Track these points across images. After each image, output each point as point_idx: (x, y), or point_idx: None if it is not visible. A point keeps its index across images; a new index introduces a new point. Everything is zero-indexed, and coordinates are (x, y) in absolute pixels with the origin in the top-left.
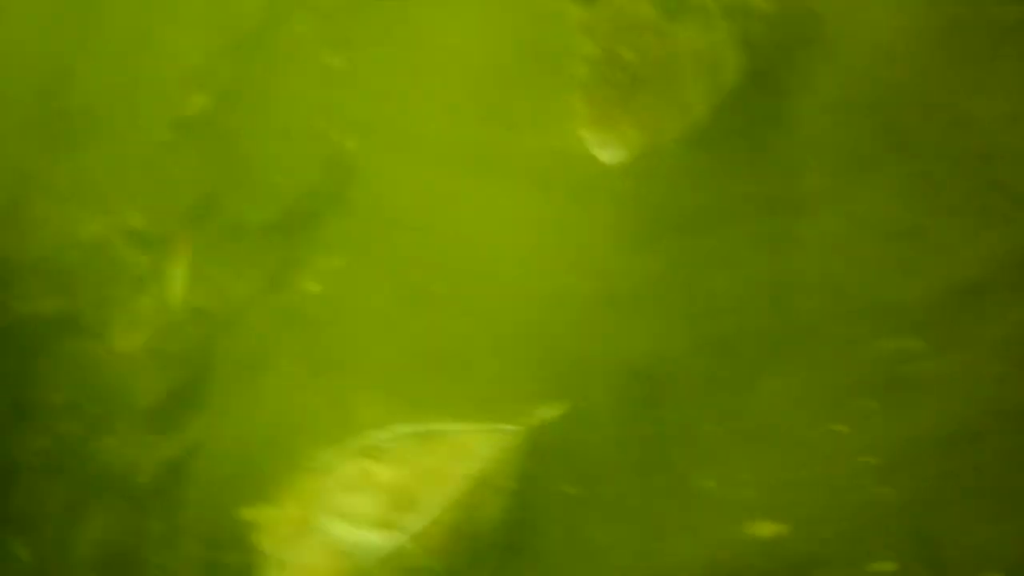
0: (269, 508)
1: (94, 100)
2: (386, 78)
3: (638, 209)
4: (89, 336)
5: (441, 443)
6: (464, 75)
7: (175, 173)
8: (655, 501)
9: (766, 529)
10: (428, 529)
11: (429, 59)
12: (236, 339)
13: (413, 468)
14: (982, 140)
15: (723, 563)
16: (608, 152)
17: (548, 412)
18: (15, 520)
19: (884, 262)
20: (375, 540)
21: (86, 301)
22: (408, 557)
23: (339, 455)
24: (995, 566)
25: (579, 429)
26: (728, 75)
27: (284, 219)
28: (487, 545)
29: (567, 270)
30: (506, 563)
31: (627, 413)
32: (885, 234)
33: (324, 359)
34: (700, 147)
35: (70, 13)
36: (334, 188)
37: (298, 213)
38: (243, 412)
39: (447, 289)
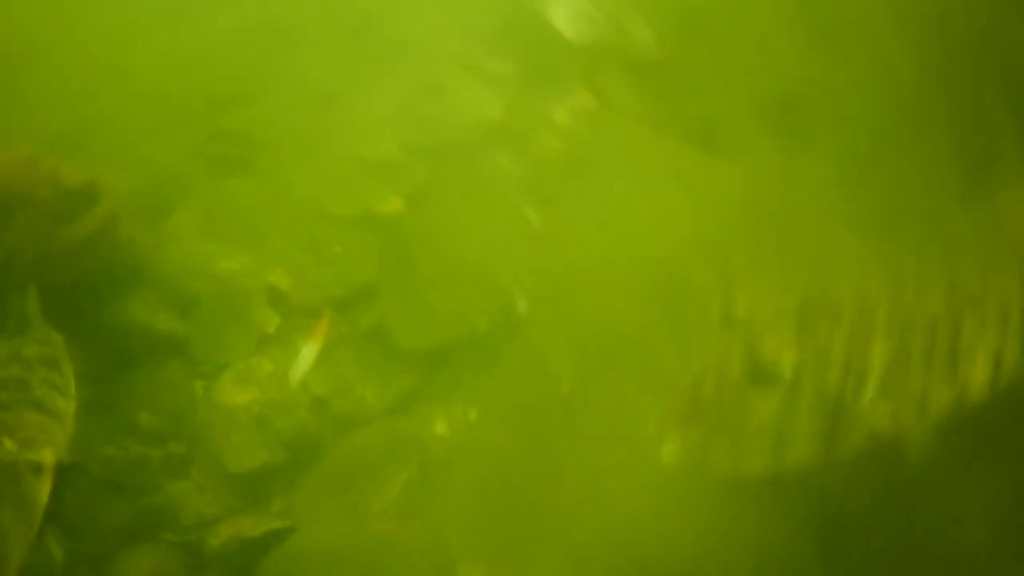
0: None
1: (269, 136)
2: (573, 246)
3: None
4: (193, 370)
5: None
6: (642, 263)
7: (341, 252)
8: None
9: None
10: None
11: (616, 237)
12: (348, 446)
13: None
14: None
15: None
16: None
17: None
18: (58, 520)
19: None
20: None
21: (202, 335)
22: None
23: None
24: None
25: None
26: None
27: (436, 352)
28: None
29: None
30: None
31: None
32: None
33: (427, 502)
34: None
35: (261, 40)
36: (494, 342)
37: (452, 352)
38: (335, 525)
39: (560, 479)
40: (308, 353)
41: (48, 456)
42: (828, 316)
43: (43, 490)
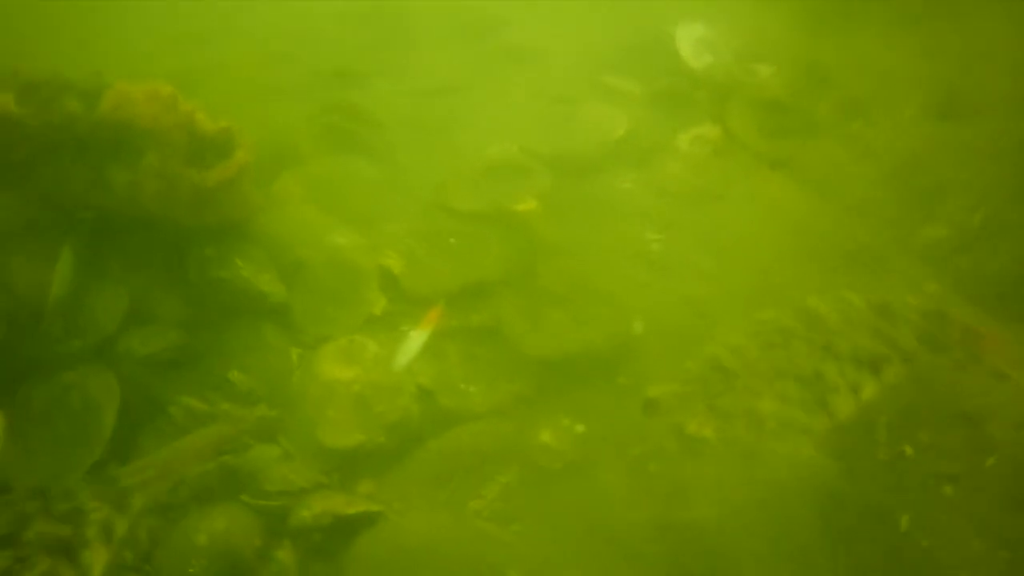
0: None
1: (383, 117)
2: (690, 273)
3: None
4: (292, 338)
5: None
6: (754, 295)
7: (457, 246)
8: None
9: None
10: None
11: (730, 268)
12: (449, 440)
13: None
14: None
15: None
16: None
17: None
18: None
19: None
20: None
21: (303, 304)
22: None
23: None
24: None
25: None
26: None
27: (549, 361)
28: None
29: None
30: None
31: None
32: None
33: (527, 507)
34: None
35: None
36: (608, 360)
37: (565, 364)
38: (429, 518)
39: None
40: (416, 340)
41: None
42: None
43: None
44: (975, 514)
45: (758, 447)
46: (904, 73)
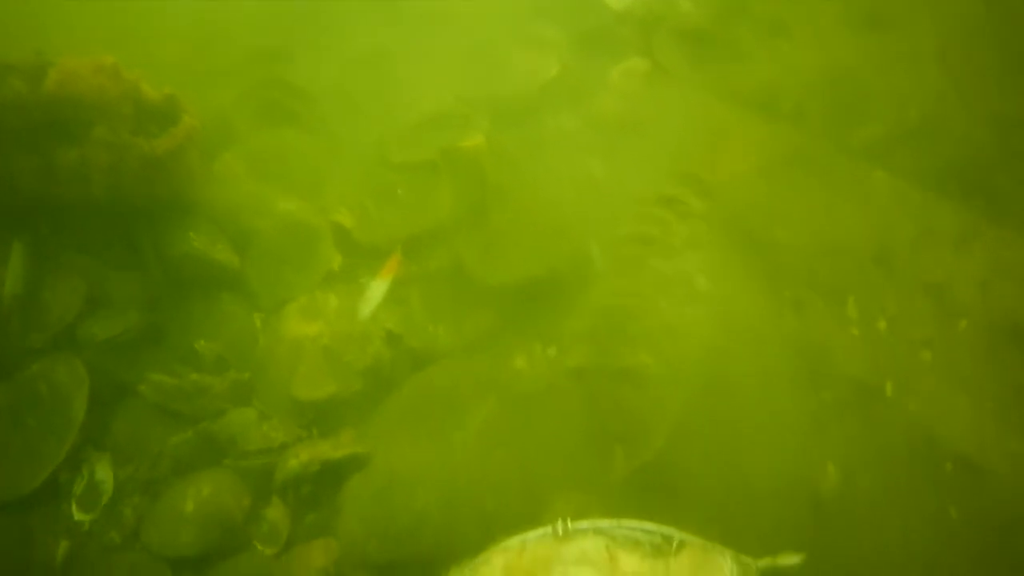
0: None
1: (316, 89)
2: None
3: None
4: (251, 303)
5: (686, 554)
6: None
7: (406, 196)
8: None
9: None
10: None
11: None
12: (424, 380)
13: (654, 564)
14: None
15: None
16: None
17: (787, 559)
18: (108, 445)
19: None
20: None
21: (259, 271)
22: None
23: (590, 532)
24: None
25: None
26: None
27: (512, 290)
28: None
29: None
30: None
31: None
32: None
33: (511, 433)
34: None
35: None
36: (570, 283)
37: (528, 291)
38: (415, 455)
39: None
40: (377, 289)
41: None
42: None
43: None
44: (955, 374)
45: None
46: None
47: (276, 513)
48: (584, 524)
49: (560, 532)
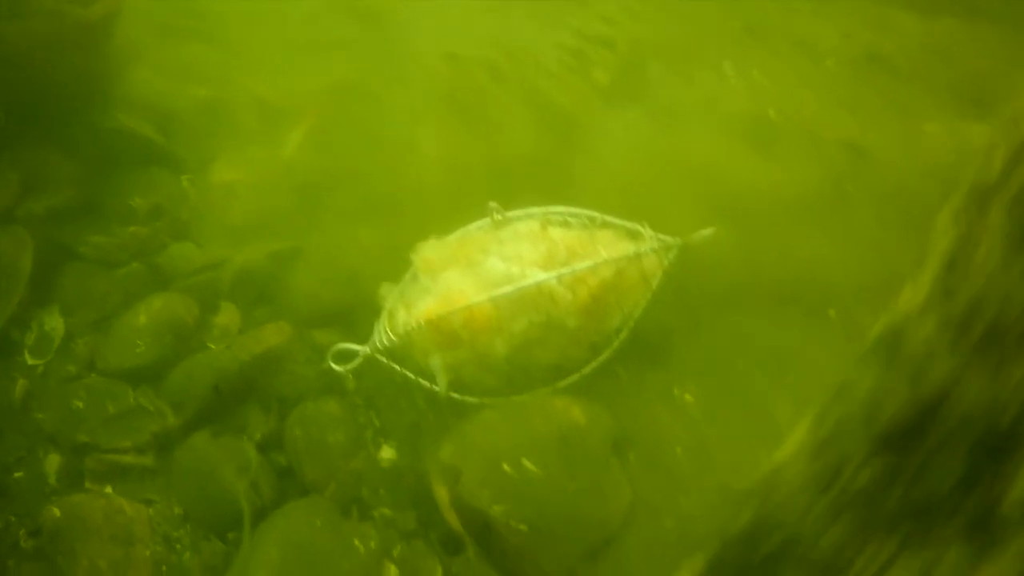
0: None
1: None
2: None
3: None
4: (178, 169)
5: (610, 229)
6: None
7: (311, 65)
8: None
9: None
10: (575, 285)
11: None
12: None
13: (580, 237)
14: None
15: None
16: None
17: (701, 234)
18: (57, 299)
19: None
20: (524, 275)
21: (183, 144)
22: (546, 294)
23: (524, 217)
24: None
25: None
26: None
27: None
28: (614, 329)
29: None
30: (630, 356)
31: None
32: None
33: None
34: None
35: None
36: None
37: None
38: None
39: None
40: (296, 136)
41: None
42: None
43: None
44: (830, 96)
45: None
46: None
47: (226, 316)
48: (518, 212)
49: (496, 220)
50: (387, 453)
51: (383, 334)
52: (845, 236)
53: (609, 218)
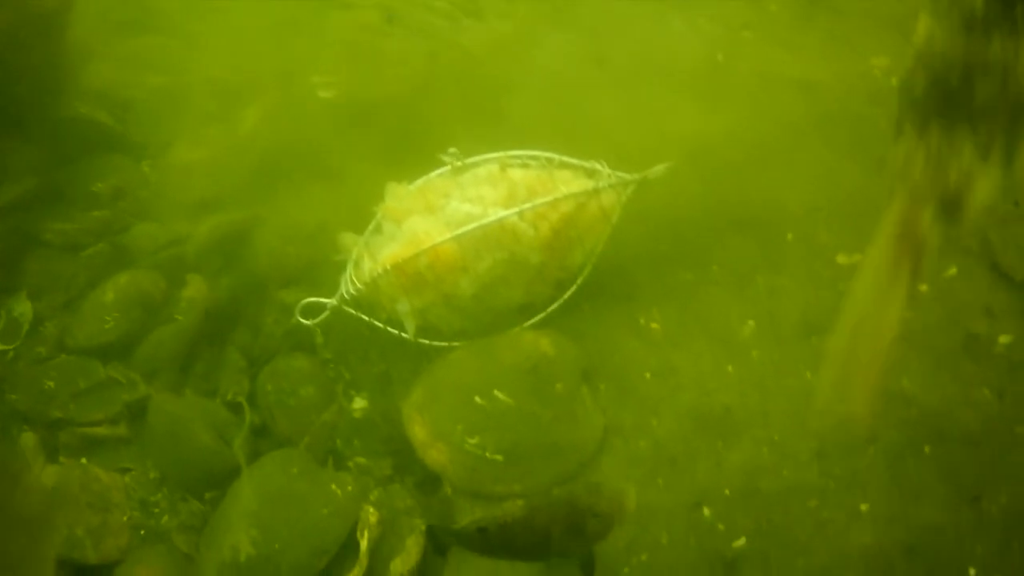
0: (400, 189)
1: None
2: None
3: None
4: (138, 155)
5: (568, 169)
6: None
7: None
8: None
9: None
10: (536, 221)
11: None
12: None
13: (540, 176)
14: None
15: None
16: None
17: (656, 170)
18: (23, 285)
19: None
20: (486, 213)
21: (141, 130)
22: (509, 231)
23: (483, 162)
24: None
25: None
26: None
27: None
28: (577, 265)
29: None
30: (594, 291)
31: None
32: None
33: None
34: None
35: None
36: None
37: None
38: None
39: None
40: (254, 112)
41: None
42: None
43: None
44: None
45: None
46: None
47: (193, 288)
48: (476, 158)
49: (456, 166)
50: (359, 404)
51: (349, 284)
52: (797, 165)
53: (567, 159)
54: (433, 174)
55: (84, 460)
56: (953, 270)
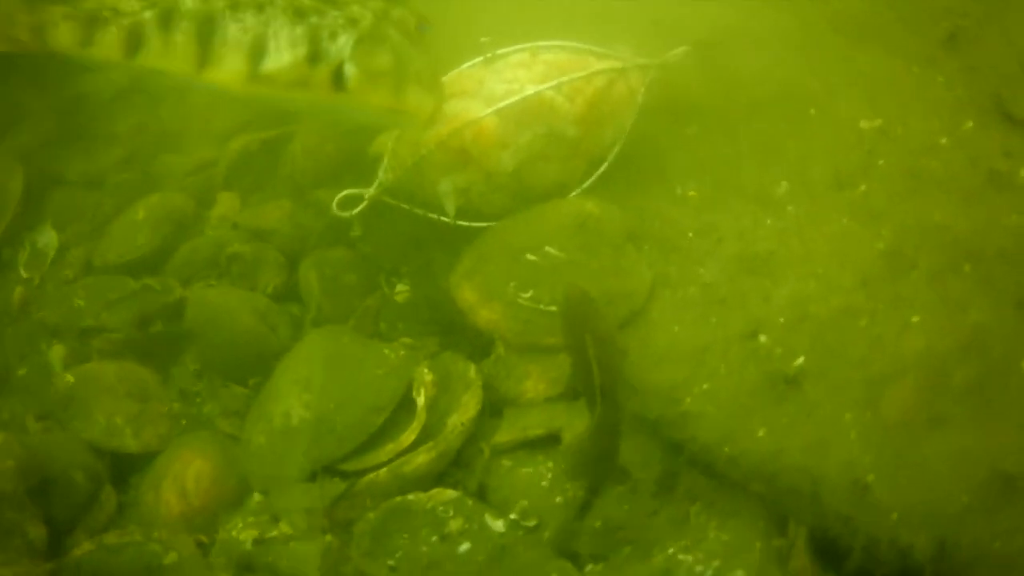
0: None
1: None
2: None
3: None
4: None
5: (592, 55)
6: None
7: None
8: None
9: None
10: (572, 94)
11: None
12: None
13: (570, 56)
14: None
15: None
16: None
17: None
18: (48, 216)
19: None
20: (524, 89)
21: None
22: (547, 104)
23: (513, 52)
24: None
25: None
26: None
27: None
28: (608, 142)
29: None
30: (627, 168)
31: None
32: None
33: None
34: None
35: None
36: None
37: None
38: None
39: None
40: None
41: None
42: None
43: None
44: None
45: None
46: None
47: (224, 206)
48: (509, 48)
49: (487, 57)
50: (401, 289)
51: (388, 171)
52: (811, 51)
53: (591, 46)
54: (464, 66)
55: None
56: (969, 124)
